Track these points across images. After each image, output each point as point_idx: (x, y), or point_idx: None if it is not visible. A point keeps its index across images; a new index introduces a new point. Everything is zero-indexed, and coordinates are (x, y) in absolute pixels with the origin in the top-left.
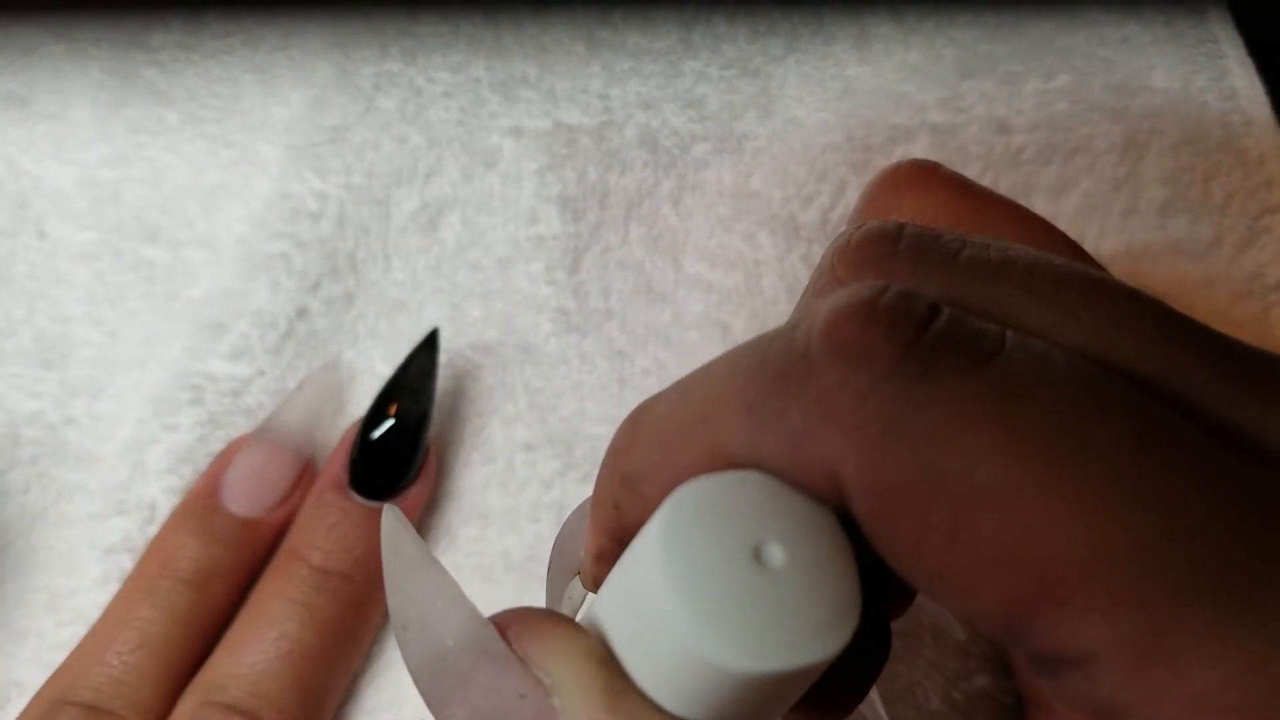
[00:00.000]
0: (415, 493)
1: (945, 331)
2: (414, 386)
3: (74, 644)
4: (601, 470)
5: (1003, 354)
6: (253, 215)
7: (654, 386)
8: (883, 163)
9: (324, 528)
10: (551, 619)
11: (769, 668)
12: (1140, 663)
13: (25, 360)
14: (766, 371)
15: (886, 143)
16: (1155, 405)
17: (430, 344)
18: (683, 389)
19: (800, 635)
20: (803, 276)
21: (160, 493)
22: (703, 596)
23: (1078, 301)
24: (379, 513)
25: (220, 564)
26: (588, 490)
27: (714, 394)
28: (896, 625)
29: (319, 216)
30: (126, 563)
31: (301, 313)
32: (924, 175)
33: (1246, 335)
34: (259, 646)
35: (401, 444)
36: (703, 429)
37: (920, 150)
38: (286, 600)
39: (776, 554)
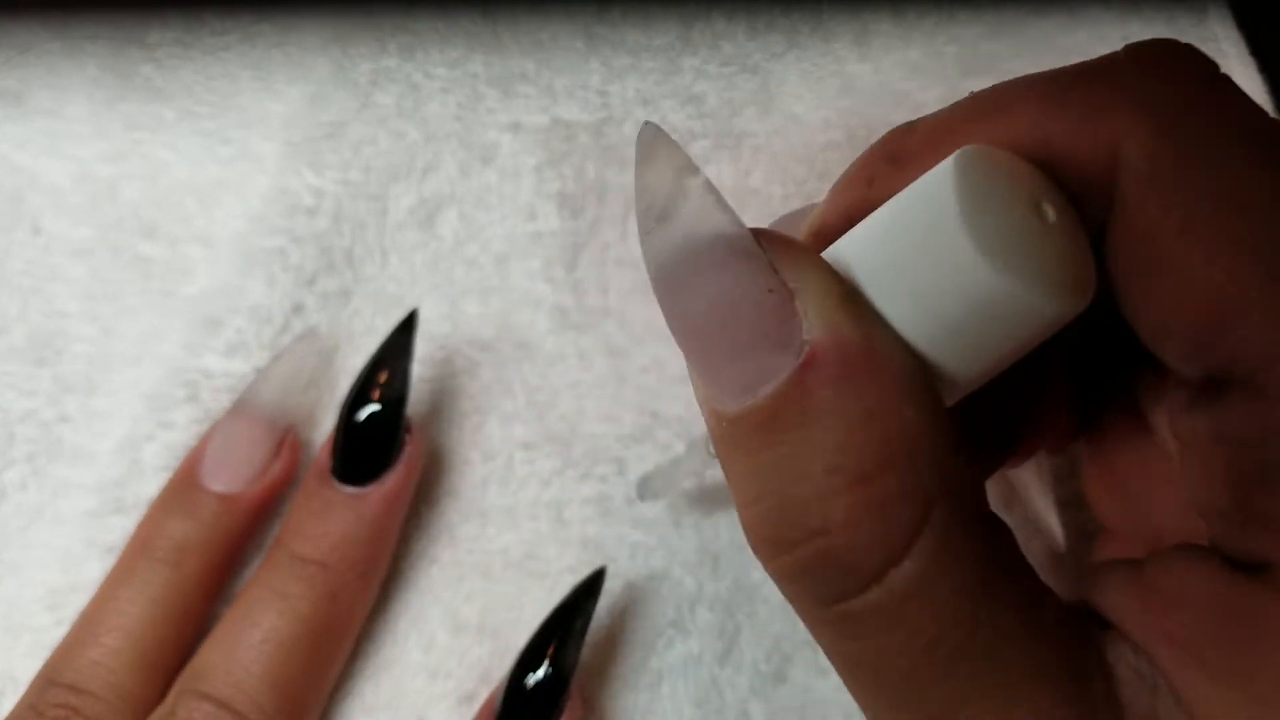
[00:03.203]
0: (394, 477)
1: (1229, 79)
2: (389, 367)
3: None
4: (862, 156)
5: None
6: (250, 211)
7: (652, 384)
8: None
9: (307, 516)
10: (800, 243)
11: (1035, 301)
12: None
13: (19, 357)
14: (1068, 71)
15: None
16: None
17: (406, 325)
18: (963, 100)
19: (1065, 284)
20: None
21: (157, 489)
22: (992, 228)
23: None
24: (358, 497)
25: (196, 540)
26: (587, 488)
27: (1005, 92)
28: None
29: (316, 212)
30: None
31: (298, 308)
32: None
33: None
34: (240, 636)
35: (377, 426)
36: (993, 116)
37: None
38: (267, 589)
39: (1050, 212)
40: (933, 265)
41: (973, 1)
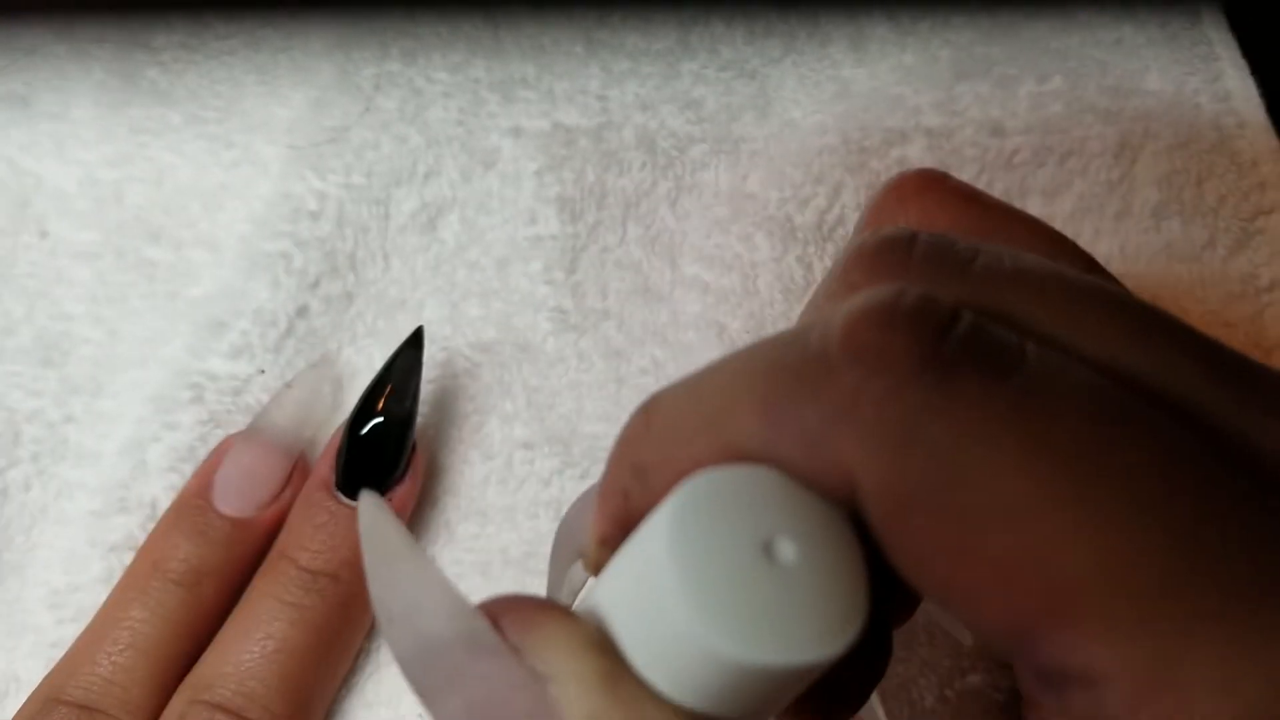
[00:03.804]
0: (404, 491)
1: (966, 338)
2: (399, 384)
3: (74, 641)
4: (611, 458)
5: (1024, 366)
6: (254, 215)
7: (651, 385)
8: (878, 165)
9: (312, 528)
10: (544, 606)
11: (772, 662)
12: (1148, 688)
13: (26, 358)
14: (784, 372)
15: (882, 145)
16: (1173, 425)
17: (415, 342)
18: (697, 383)
19: (806, 632)
20: (799, 277)
21: (161, 491)
22: (710, 586)
23: (1092, 314)
24: None
25: (211, 564)
26: (585, 487)
27: (729, 391)
28: None
29: (319, 216)
30: (128, 560)
31: (301, 311)
32: (931, 185)
33: (1240, 337)
34: (247, 646)
35: (388, 442)
36: (716, 424)
37: (916, 152)
38: (274, 600)
39: (786, 549)
40: (664, 621)
41: (968, 6)
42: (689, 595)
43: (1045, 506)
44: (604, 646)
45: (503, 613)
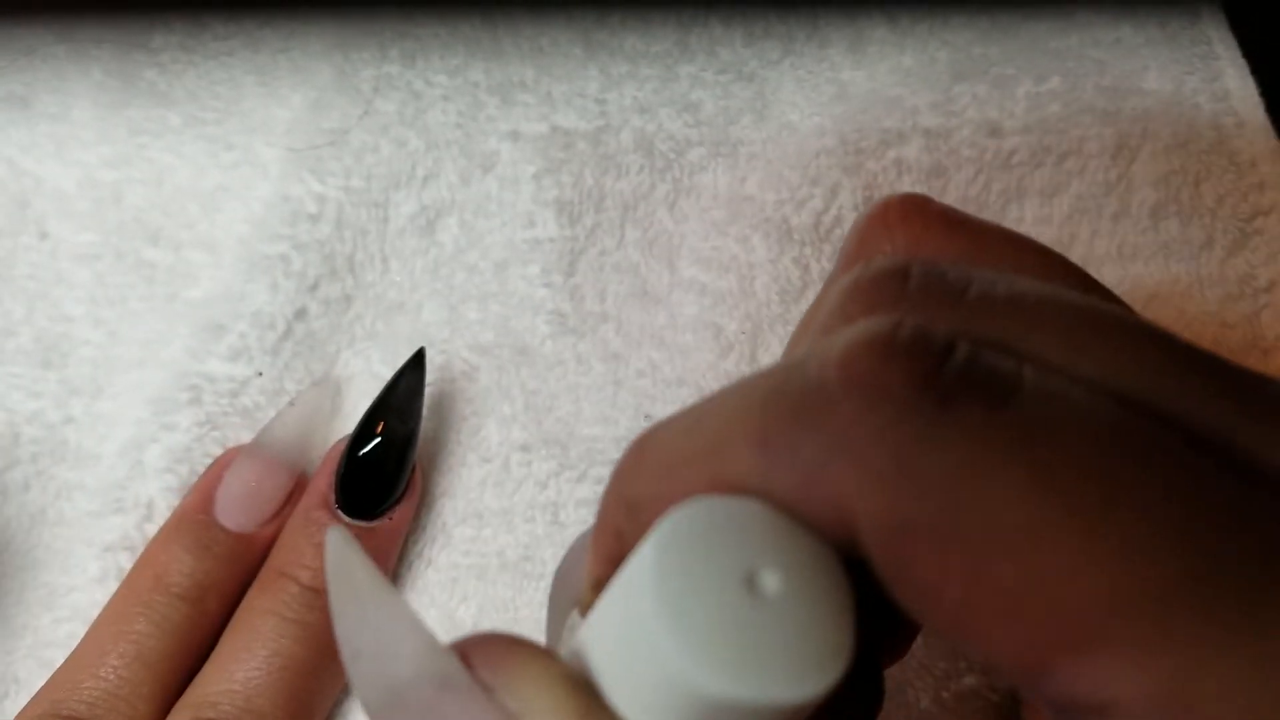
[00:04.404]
0: (401, 511)
1: (964, 367)
2: (401, 405)
3: (71, 641)
4: (604, 496)
5: (1022, 391)
6: (252, 217)
7: (648, 388)
8: (875, 166)
9: (312, 546)
10: (517, 644)
11: (754, 698)
12: (1164, 713)
13: (26, 360)
14: (780, 404)
15: (879, 146)
16: (1178, 444)
17: (417, 362)
18: (691, 417)
19: (790, 669)
20: (795, 279)
21: (158, 491)
22: (690, 619)
23: (1088, 335)
24: (367, 531)
25: (215, 578)
26: (583, 490)
27: (724, 424)
28: None
29: (318, 219)
30: (124, 560)
31: (300, 314)
32: (915, 210)
33: (1237, 337)
34: (252, 663)
35: (388, 462)
36: (710, 458)
37: (913, 153)
38: (277, 617)
39: (771, 582)
40: (644, 656)
41: (966, 6)
42: (669, 626)
43: (1052, 534)
44: (578, 684)
45: (474, 651)
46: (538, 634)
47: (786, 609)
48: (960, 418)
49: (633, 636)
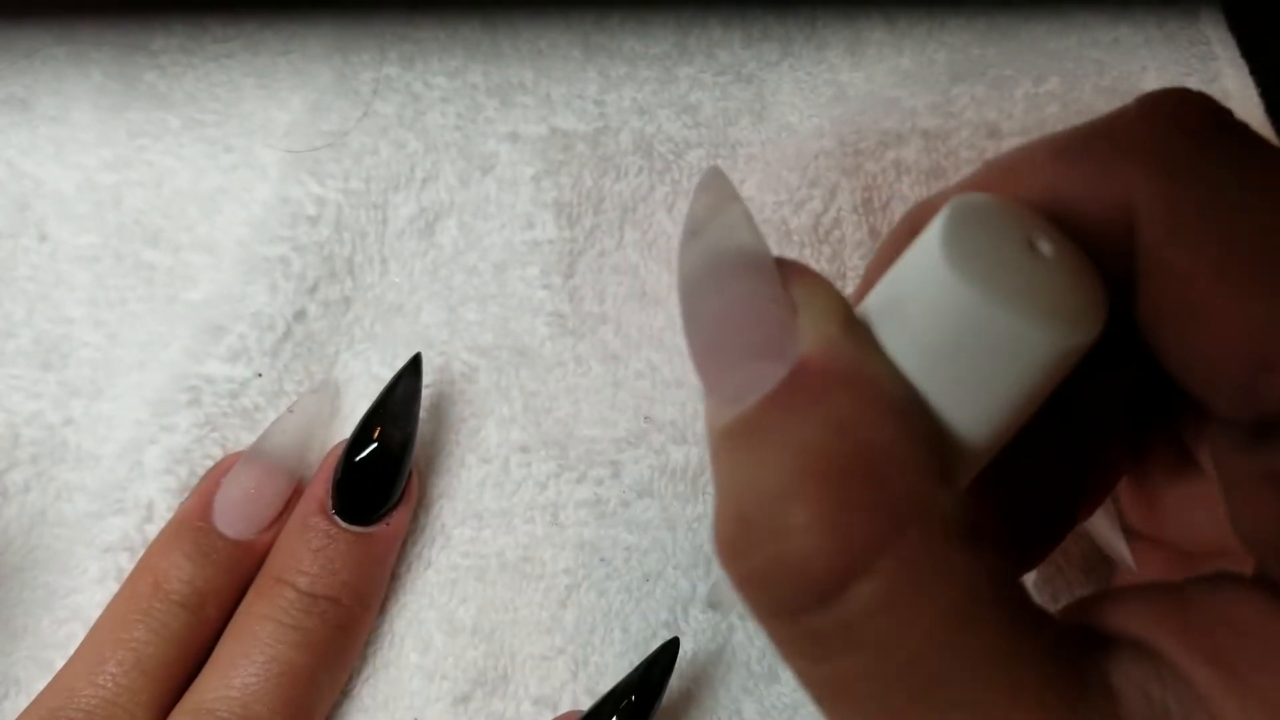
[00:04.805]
0: (398, 516)
1: (1245, 125)
2: (398, 411)
3: (71, 643)
4: (889, 235)
5: None
6: (252, 219)
7: (648, 389)
8: (873, 167)
9: (310, 552)
10: (818, 274)
11: (1039, 339)
12: None
13: (26, 361)
14: (1080, 130)
15: (878, 147)
16: None
17: (414, 367)
18: (984, 164)
19: (1062, 313)
20: None
21: (157, 492)
22: (980, 261)
23: None
24: (364, 536)
25: (214, 585)
26: (583, 490)
27: (1021, 153)
28: None
29: (317, 220)
30: (124, 561)
31: (299, 315)
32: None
33: None
34: (250, 669)
35: (385, 468)
36: (1006, 179)
37: (911, 154)
38: (274, 623)
39: (1045, 247)
40: (927, 306)
41: (964, 7)
42: (956, 265)
43: None
44: (852, 310)
45: (787, 261)
46: (538, 635)
47: (1060, 268)
48: (1242, 151)
49: (918, 287)
